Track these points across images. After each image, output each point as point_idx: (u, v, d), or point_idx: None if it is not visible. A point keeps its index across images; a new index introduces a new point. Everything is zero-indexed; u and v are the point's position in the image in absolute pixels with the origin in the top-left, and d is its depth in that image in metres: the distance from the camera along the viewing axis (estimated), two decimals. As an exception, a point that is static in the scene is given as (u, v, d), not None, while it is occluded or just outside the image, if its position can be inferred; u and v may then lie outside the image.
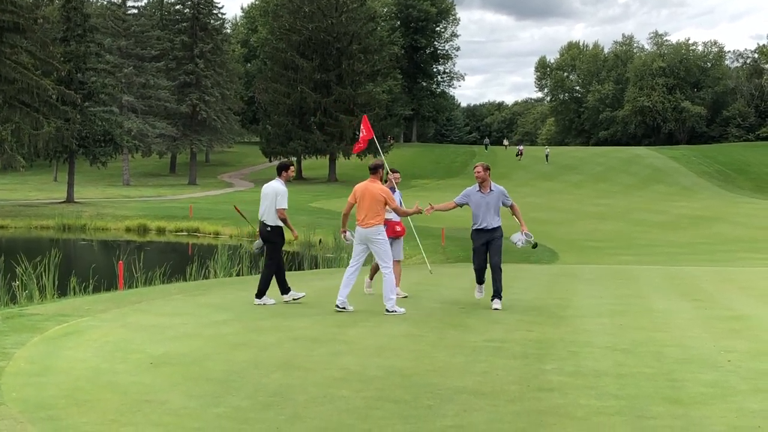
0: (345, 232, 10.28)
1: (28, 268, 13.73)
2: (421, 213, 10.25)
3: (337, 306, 9.66)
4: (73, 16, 46.53)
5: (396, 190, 11.24)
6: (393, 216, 10.80)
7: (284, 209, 10.13)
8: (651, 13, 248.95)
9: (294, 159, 67.48)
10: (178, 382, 5.95)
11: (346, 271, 9.88)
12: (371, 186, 9.75)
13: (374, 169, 9.94)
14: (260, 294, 10.26)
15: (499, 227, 10.06)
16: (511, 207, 10.15)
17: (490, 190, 10.08)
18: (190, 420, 4.97)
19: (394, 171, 11.58)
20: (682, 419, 5.10)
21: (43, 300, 12.43)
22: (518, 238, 10.35)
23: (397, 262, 10.93)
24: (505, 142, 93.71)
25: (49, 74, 42.81)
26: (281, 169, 10.31)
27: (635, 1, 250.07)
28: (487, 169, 10.19)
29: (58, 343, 7.39)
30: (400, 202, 11.22)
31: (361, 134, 12.34)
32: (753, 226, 32.98)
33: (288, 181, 10.34)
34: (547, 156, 74.19)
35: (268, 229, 10.21)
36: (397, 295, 10.68)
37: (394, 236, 10.98)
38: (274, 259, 10.27)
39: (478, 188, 10.14)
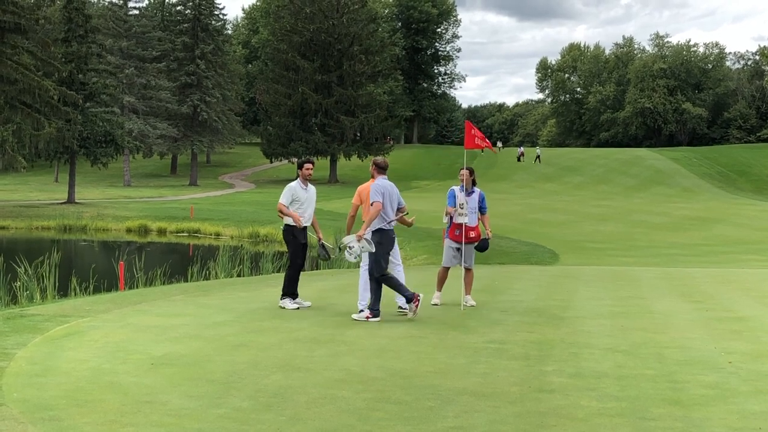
0: (361, 237, 9.26)
1: (29, 269, 13.74)
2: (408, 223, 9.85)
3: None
4: (75, 17, 46.56)
5: (476, 189, 10.52)
6: (468, 220, 10.26)
7: (281, 203, 10.03)
8: (653, 14, 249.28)
9: (295, 160, 67.63)
10: (178, 382, 5.96)
11: (360, 275, 9.65)
12: None
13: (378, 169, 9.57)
14: (285, 295, 9.99)
15: (392, 229, 9.38)
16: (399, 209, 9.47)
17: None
18: (190, 421, 4.98)
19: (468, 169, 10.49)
20: (682, 421, 5.10)
21: (44, 300, 12.42)
22: (349, 240, 9.12)
23: (468, 270, 10.49)
24: (499, 144, 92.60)
25: (51, 75, 42.81)
26: (297, 168, 10.33)
27: (637, 3, 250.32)
28: (373, 164, 9.50)
29: (59, 343, 7.39)
30: (483, 202, 10.59)
31: (478, 139, 11.60)
32: (754, 227, 32.96)
33: (307, 179, 10.18)
34: (538, 157, 72.49)
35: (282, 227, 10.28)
36: (467, 303, 10.30)
37: (467, 242, 10.37)
38: (290, 259, 10.20)
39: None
